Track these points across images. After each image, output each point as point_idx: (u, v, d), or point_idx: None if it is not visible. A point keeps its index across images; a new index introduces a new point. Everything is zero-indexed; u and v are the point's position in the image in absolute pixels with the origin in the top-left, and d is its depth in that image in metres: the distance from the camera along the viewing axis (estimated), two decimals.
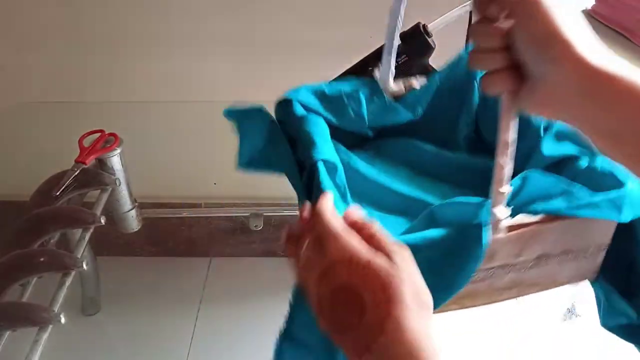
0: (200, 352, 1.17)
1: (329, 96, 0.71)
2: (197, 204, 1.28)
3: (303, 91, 0.70)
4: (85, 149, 0.92)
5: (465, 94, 0.74)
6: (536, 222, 0.52)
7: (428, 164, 0.72)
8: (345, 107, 0.70)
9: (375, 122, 0.72)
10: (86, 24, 1.11)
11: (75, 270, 0.75)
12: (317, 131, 0.65)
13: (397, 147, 0.74)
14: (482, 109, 0.74)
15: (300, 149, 0.66)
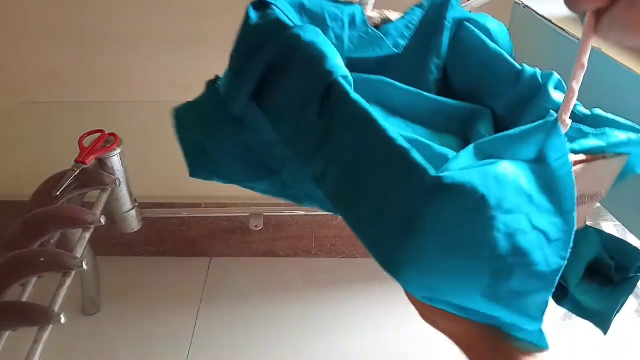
0: (200, 352, 1.17)
1: (309, 11, 0.60)
2: (197, 204, 1.28)
3: (281, 2, 0.57)
4: (85, 149, 0.92)
5: (435, 33, 0.67)
6: (582, 161, 0.47)
7: (401, 105, 0.65)
8: (326, 27, 0.60)
9: (353, 52, 0.63)
10: (86, 24, 1.11)
11: (76, 270, 0.75)
12: (323, 42, 0.51)
13: (369, 84, 0.65)
14: (451, 54, 0.68)
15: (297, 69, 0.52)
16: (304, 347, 1.19)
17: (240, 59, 0.56)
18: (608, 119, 0.54)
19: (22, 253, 0.77)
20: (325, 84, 0.47)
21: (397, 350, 1.16)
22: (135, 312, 1.25)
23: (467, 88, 0.67)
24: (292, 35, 0.51)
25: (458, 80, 0.69)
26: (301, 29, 0.51)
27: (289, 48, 0.51)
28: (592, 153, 0.47)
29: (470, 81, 0.67)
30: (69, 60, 1.15)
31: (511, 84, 0.63)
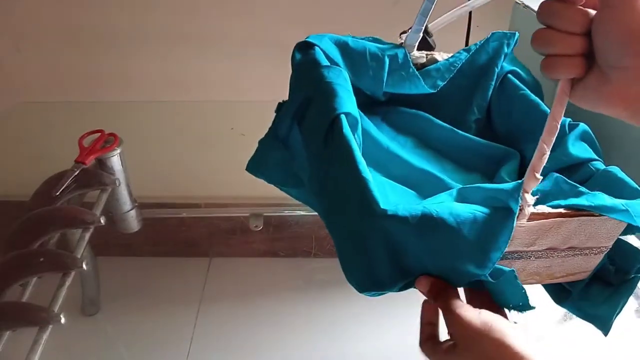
0: (200, 352, 1.17)
1: (352, 50, 0.67)
2: (197, 204, 1.28)
3: (326, 39, 0.67)
4: (85, 149, 0.92)
5: (484, 77, 0.73)
6: (558, 215, 0.51)
7: (435, 138, 0.70)
8: (366, 65, 0.67)
9: (392, 88, 0.69)
10: (86, 24, 1.11)
11: (75, 270, 0.75)
12: (342, 84, 0.60)
13: (406, 116, 0.72)
14: (497, 96, 0.73)
15: (317, 102, 0.61)
16: (303, 347, 1.19)
17: (290, 90, 0.68)
18: (617, 177, 0.58)
19: (21, 253, 0.77)
20: (330, 118, 0.56)
21: (397, 351, 1.16)
22: (135, 312, 1.25)
23: (507, 131, 0.72)
24: (319, 74, 0.61)
25: (500, 123, 0.73)
26: (327, 69, 0.62)
27: (316, 85, 0.61)
28: (575, 209, 0.51)
29: (511, 125, 0.71)
30: (69, 60, 1.15)
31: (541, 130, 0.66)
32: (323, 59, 0.64)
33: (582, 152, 0.62)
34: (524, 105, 0.69)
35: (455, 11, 0.78)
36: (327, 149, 0.57)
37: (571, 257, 0.57)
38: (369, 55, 0.67)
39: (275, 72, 1.17)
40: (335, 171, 0.55)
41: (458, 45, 0.96)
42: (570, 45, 0.40)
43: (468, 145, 0.70)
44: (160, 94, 1.18)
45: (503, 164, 0.68)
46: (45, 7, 1.08)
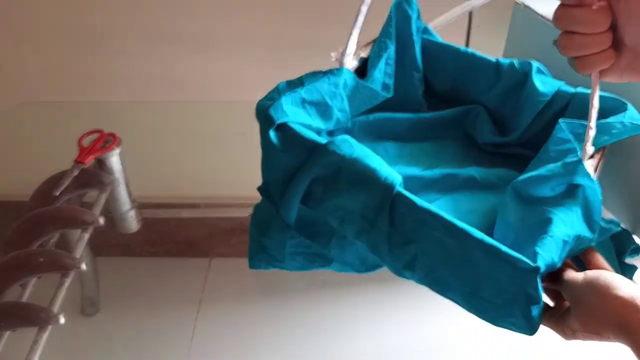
0: (200, 352, 1.17)
1: (311, 101, 0.63)
2: (196, 204, 1.28)
3: (284, 105, 0.59)
4: (84, 149, 0.92)
5: (412, 50, 0.72)
6: (598, 161, 0.58)
7: (405, 131, 0.71)
8: (330, 108, 0.64)
9: (355, 110, 0.68)
10: (86, 24, 1.11)
11: (75, 270, 0.75)
12: (364, 154, 0.55)
13: (370, 125, 0.71)
14: (426, 63, 0.74)
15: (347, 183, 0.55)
16: (304, 347, 1.19)
17: (280, 180, 0.60)
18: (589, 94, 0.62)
19: (21, 253, 0.77)
20: (389, 197, 0.52)
21: (397, 351, 1.16)
22: (135, 313, 1.25)
23: (450, 89, 0.74)
24: (333, 155, 0.55)
25: (440, 85, 0.75)
26: (337, 147, 0.55)
27: (334, 168, 0.55)
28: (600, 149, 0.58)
29: (451, 83, 0.73)
30: (69, 60, 1.14)
31: (492, 77, 0.70)
32: (309, 133, 0.58)
33: (549, 85, 0.67)
34: (454, 57, 0.72)
35: (455, 11, 0.79)
36: (401, 228, 0.53)
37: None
38: (327, 97, 0.63)
39: (275, 72, 1.17)
40: (438, 245, 0.51)
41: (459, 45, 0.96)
42: (600, 44, 0.42)
43: (432, 122, 0.71)
44: (160, 94, 1.18)
45: (472, 122, 0.71)
46: (46, 7, 1.08)
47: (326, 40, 1.11)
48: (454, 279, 0.52)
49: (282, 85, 0.62)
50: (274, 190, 0.61)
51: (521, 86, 0.68)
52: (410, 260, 0.53)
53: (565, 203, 0.54)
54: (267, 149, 0.59)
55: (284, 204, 0.59)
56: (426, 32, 0.73)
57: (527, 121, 0.67)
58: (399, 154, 0.70)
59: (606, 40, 0.42)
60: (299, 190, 0.57)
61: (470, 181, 0.64)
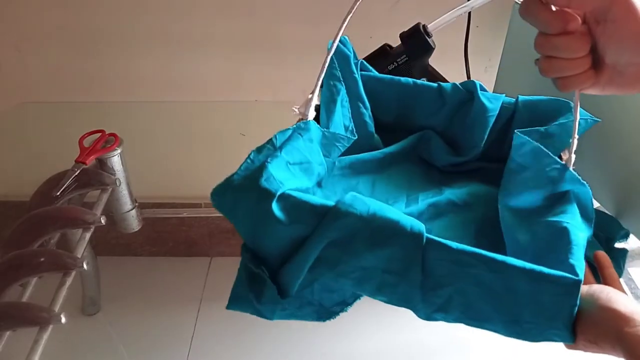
0: (200, 352, 1.17)
1: (294, 163, 0.58)
2: (197, 204, 1.28)
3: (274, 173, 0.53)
4: (85, 149, 0.92)
5: (354, 90, 0.72)
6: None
7: (374, 169, 0.72)
8: (311, 165, 0.60)
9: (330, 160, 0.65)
10: (86, 24, 1.11)
11: (76, 270, 0.75)
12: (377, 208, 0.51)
13: (343, 170, 0.70)
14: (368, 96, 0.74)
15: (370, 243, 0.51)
16: (304, 346, 1.19)
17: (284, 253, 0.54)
18: (532, 100, 0.70)
19: (22, 253, 0.77)
20: (420, 246, 0.49)
21: (398, 351, 1.16)
22: (135, 312, 1.25)
23: (394, 120, 0.76)
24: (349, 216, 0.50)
25: (384, 116, 0.76)
26: (350, 206, 0.50)
27: (351, 228, 0.50)
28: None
29: (395, 113, 0.75)
30: (69, 60, 1.15)
31: (437, 101, 0.73)
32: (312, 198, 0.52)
33: (494, 100, 0.70)
34: (395, 89, 0.74)
35: (455, 11, 0.79)
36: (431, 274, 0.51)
37: None
38: (308, 154, 0.60)
39: (275, 72, 1.17)
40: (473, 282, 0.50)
41: (458, 46, 0.96)
42: (581, 66, 0.45)
43: (389, 157, 0.73)
44: (161, 94, 1.18)
45: (426, 148, 0.74)
46: (46, 8, 1.08)
47: (326, 40, 1.12)
48: (493, 312, 0.50)
49: (253, 154, 0.56)
50: (273, 263, 0.55)
51: (467, 105, 0.71)
52: (444, 302, 0.51)
53: (566, 209, 0.55)
54: (269, 225, 0.51)
55: (289, 274, 0.54)
56: (363, 68, 0.75)
57: (482, 137, 0.70)
58: (373, 189, 0.71)
59: (586, 63, 0.44)
60: (309, 258, 0.52)
61: (450, 205, 0.66)
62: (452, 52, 0.93)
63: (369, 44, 0.81)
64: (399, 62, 0.80)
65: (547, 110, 0.69)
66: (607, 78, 0.45)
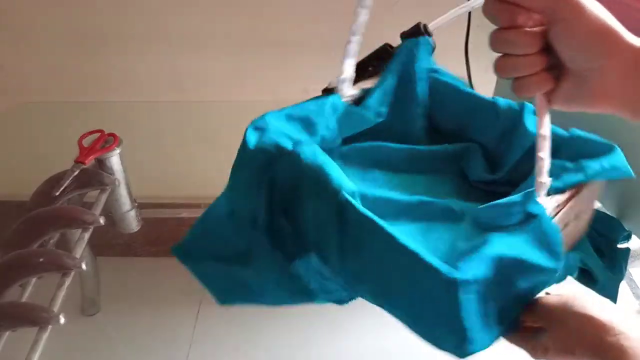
0: (200, 352, 1.17)
1: (296, 117, 0.65)
2: (197, 204, 1.28)
3: (272, 117, 0.63)
4: (84, 149, 0.92)
5: (413, 85, 0.73)
6: (567, 200, 0.56)
7: (399, 161, 0.71)
8: (314, 125, 0.65)
9: (347, 132, 0.70)
10: (86, 24, 1.11)
11: (75, 270, 0.75)
12: (325, 161, 0.56)
13: (363, 152, 0.72)
14: (431, 101, 0.74)
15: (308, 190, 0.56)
16: (304, 346, 1.19)
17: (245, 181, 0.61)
18: (585, 138, 0.62)
19: (21, 253, 0.77)
20: (336, 203, 0.52)
21: (398, 351, 1.16)
22: (135, 312, 1.25)
23: (454, 128, 0.74)
24: (293, 158, 0.56)
25: (444, 122, 0.75)
26: (300, 151, 0.56)
27: (295, 171, 0.56)
28: (574, 187, 0.56)
29: (455, 121, 0.74)
30: (69, 60, 1.15)
31: (491, 118, 0.71)
32: (284, 139, 0.59)
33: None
34: (458, 98, 0.72)
35: (455, 11, 0.78)
36: (346, 237, 0.53)
37: (574, 225, 0.61)
38: (312, 114, 0.66)
39: (275, 72, 1.17)
40: (372, 255, 0.52)
41: (458, 46, 0.96)
42: (533, 65, 0.43)
43: (428, 156, 0.72)
44: (160, 94, 1.18)
45: (467, 159, 0.71)
46: (46, 8, 1.08)
47: (326, 40, 1.12)
48: (393, 294, 0.53)
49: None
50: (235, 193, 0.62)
51: (515, 127, 0.69)
52: (359, 269, 0.53)
53: (513, 229, 0.53)
54: (241, 153, 0.60)
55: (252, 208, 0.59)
56: (437, 72, 0.75)
57: (514, 159, 0.68)
58: (387, 183, 0.70)
59: (538, 62, 0.43)
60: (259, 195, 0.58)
61: (446, 211, 0.63)
62: (453, 52, 0.93)
63: (369, 43, 0.80)
64: None
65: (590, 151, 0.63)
66: (571, 86, 0.44)
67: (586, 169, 0.58)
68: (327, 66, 0.82)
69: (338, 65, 0.81)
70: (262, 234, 0.60)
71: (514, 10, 0.42)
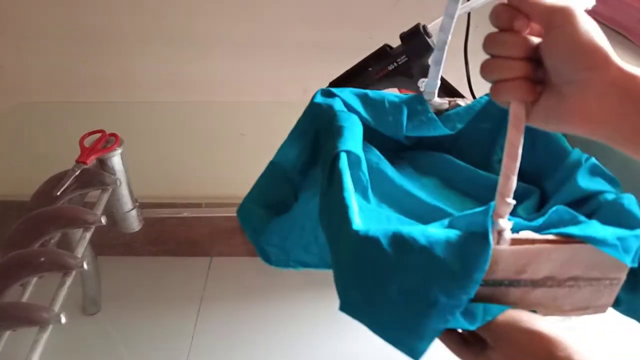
0: (200, 352, 1.17)
1: (371, 99, 0.71)
2: (197, 204, 1.28)
3: (347, 91, 0.72)
4: (86, 149, 0.92)
5: (505, 117, 0.74)
6: (545, 241, 0.51)
7: (459, 180, 0.72)
8: (385, 112, 0.71)
9: (412, 132, 0.72)
10: (86, 24, 1.11)
11: (76, 270, 0.76)
12: (349, 126, 0.65)
13: (432, 159, 0.74)
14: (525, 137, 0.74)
15: (326, 143, 0.65)
16: (304, 347, 1.19)
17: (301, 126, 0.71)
18: (624, 208, 0.56)
19: (22, 253, 0.77)
20: (332, 155, 0.60)
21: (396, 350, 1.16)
22: (136, 312, 1.25)
23: (532, 168, 0.71)
24: (332, 117, 0.66)
25: (524, 160, 0.72)
26: (340, 115, 0.66)
27: (327, 126, 0.66)
28: (565, 237, 0.51)
29: (534, 161, 0.71)
30: (69, 60, 1.15)
31: (563, 171, 0.68)
32: (340, 105, 0.68)
33: (592, 184, 0.62)
34: (544, 140, 0.70)
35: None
36: (330, 188, 0.58)
37: (577, 289, 0.55)
38: (387, 103, 0.71)
39: (275, 73, 1.17)
40: (330, 204, 0.57)
41: (458, 46, 0.96)
42: (513, 69, 0.43)
43: (489, 184, 0.70)
44: (161, 94, 1.18)
45: (523, 200, 0.68)
46: (46, 7, 1.09)
47: (326, 41, 1.12)
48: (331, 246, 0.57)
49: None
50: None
51: (566, 179, 0.66)
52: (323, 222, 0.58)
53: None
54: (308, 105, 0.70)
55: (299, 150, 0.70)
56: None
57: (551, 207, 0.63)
58: (434, 191, 0.71)
59: (520, 67, 0.43)
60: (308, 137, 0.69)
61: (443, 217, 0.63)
62: (452, 52, 0.93)
63: (369, 43, 0.81)
64: (399, 62, 0.80)
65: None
66: (550, 103, 0.44)
67: (587, 228, 0.52)
68: (327, 67, 0.82)
69: (337, 66, 0.82)
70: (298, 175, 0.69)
71: (514, 14, 0.42)
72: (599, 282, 0.55)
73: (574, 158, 0.66)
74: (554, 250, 0.51)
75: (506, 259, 0.51)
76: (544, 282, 0.53)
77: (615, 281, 0.55)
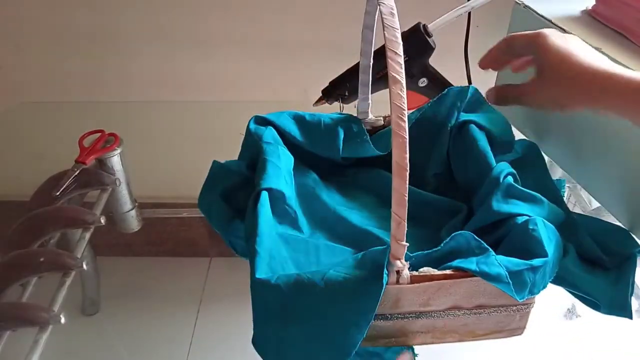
0: (200, 352, 1.18)
1: (308, 122, 0.74)
2: (197, 204, 1.28)
3: (284, 115, 0.75)
4: (85, 149, 0.92)
5: (439, 134, 0.76)
6: (443, 277, 0.53)
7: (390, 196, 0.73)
8: (321, 135, 0.74)
9: (349, 153, 0.75)
10: (86, 24, 1.11)
11: (76, 270, 0.75)
12: (274, 160, 0.68)
13: (371, 176, 0.76)
14: (454, 148, 0.76)
15: (255, 175, 0.70)
16: None
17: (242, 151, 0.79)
18: (529, 234, 0.57)
19: (22, 253, 0.77)
20: (256, 192, 0.65)
21: None
22: (135, 312, 1.25)
23: (465, 182, 0.74)
24: (259, 150, 0.71)
25: (459, 175, 0.76)
26: (266, 149, 0.70)
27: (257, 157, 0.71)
28: (462, 271, 0.53)
29: (467, 176, 0.73)
30: (69, 60, 1.15)
31: (482, 183, 0.69)
32: (269, 136, 0.72)
33: (505, 207, 0.62)
34: (475, 156, 0.71)
35: (455, 11, 0.79)
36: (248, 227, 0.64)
37: (487, 315, 0.57)
38: (324, 126, 0.74)
39: (275, 73, 1.17)
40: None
41: (458, 46, 0.96)
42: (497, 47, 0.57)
43: (425, 200, 0.72)
44: (161, 94, 1.18)
45: (453, 217, 0.70)
46: (45, 8, 1.08)
47: (326, 41, 1.12)
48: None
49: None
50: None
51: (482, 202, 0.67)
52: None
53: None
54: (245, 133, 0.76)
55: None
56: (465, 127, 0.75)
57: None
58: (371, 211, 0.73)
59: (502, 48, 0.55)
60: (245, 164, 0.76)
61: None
62: (453, 52, 0.93)
63: None
64: None
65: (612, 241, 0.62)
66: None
67: (485, 264, 0.53)
68: (327, 67, 0.82)
69: (336, 66, 0.82)
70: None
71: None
72: (507, 308, 0.57)
73: (494, 175, 0.66)
74: (452, 284, 0.54)
75: (408, 295, 0.53)
76: (450, 312, 0.56)
77: (524, 306, 0.58)
